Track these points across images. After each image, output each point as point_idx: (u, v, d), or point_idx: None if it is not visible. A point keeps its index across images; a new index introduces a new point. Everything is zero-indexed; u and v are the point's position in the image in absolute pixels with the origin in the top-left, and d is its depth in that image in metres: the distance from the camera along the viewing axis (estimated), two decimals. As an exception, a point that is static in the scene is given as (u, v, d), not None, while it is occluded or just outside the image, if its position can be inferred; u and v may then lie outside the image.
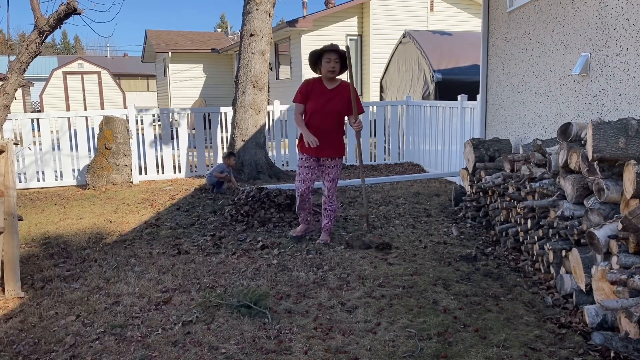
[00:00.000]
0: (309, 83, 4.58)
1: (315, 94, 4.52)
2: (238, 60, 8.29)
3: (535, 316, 3.13)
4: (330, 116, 4.51)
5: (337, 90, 4.55)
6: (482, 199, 5.23)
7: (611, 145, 3.01)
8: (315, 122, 4.50)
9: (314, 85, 4.56)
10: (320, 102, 4.48)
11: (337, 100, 4.52)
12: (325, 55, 4.46)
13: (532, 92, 5.40)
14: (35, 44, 5.09)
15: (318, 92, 4.52)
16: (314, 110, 4.49)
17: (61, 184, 8.31)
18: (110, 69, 28.66)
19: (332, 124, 4.53)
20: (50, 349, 2.89)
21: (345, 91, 4.56)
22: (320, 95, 4.51)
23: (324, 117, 4.49)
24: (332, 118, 4.52)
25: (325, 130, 4.50)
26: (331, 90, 4.54)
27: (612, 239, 2.79)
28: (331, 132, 4.53)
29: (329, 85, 4.55)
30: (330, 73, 4.47)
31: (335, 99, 4.52)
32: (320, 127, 4.48)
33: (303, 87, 4.58)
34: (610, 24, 4.11)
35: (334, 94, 4.53)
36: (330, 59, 4.44)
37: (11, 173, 3.74)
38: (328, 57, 4.45)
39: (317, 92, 4.52)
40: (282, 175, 8.33)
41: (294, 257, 4.35)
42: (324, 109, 4.48)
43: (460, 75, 10.00)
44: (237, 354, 2.76)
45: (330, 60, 4.44)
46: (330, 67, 4.45)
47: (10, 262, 3.67)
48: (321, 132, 4.47)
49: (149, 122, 8.65)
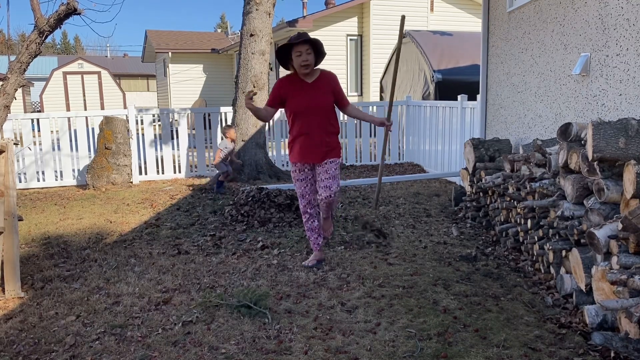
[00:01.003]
0: (283, 82, 3.97)
1: (293, 92, 3.91)
2: (238, 60, 8.29)
3: (535, 316, 3.13)
4: (317, 114, 3.90)
5: (319, 83, 3.93)
6: (482, 199, 5.23)
7: (611, 145, 3.01)
8: (301, 124, 3.91)
9: (290, 82, 3.95)
10: (302, 100, 3.88)
11: (321, 93, 3.91)
12: (294, 49, 3.80)
13: (532, 92, 5.40)
14: (35, 44, 5.09)
15: (296, 89, 3.91)
16: (297, 110, 3.90)
17: (61, 184, 8.31)
18: (110, 69, 28.67)
19: (321, 123, 3.93)
20: (50, 349, 2.89)
21: (328, 81, 3.96)
22: (300, 92, 3.90)
23: (310, 116, 3.90)
24: (319, 116, 3.91)
25: (315, 132, 3.91)
26: (312, 84, 3.92)
27: (612, 239, 2.79)
28: (322, 132, 3.93)
29: (308, 79, 3.93)
30: (304, 68, 3.83)
31: (318, 93, 3.90)
32: (308, 129, 3.90)
33: (276, 88, 3.95)
34: (610, 24, 4.11)
35: (315, 88, 3.91)
36: (301, 52, 3.77)
37: (11, 173, 3.74)
38: (298, 50, 3.78)
39: (295, 89, 3.91)
40: (282, 175, 8.33)
41: (294, 257, 4.35)
42: (309, 107, 3.88)
43: (460, 75, 10.01)
44: (237, 354, 2.76)
45: (301, 53, 3.78)
46: (302, 61, 3.79)
47: (10, 262, 3.67)
48: (310, 135, 3.90)
49: (149, 122, 8.65)
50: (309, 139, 3.91)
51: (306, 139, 3.91)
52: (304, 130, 3.92)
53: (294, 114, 3.93)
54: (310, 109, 3.89)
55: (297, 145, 3.97)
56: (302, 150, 3.94)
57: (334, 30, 15.45)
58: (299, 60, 3.81)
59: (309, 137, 3.91)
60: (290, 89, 3.92)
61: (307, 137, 3.91)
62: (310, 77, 3.94)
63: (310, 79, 3.94)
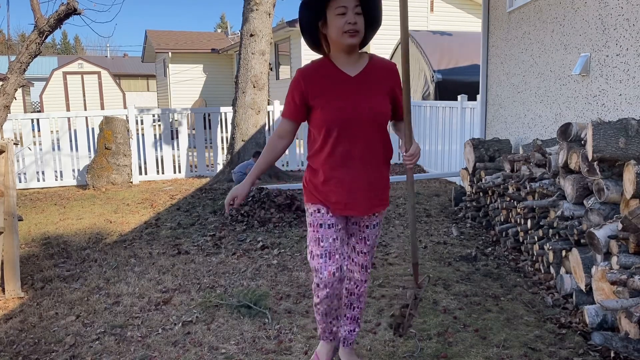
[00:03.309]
0: (307, 73, 2.23)
1: (326, 91, 2.20)
2: (238, 60, 8.29)
3: (535, 316, 3.13)
4: (366, 131, 2.22)
5: (370, 76, 2.24)
6: (482, 199, 5.23)
7: (611, 145, 3.01)
8: (337, 147, 2.22)
9: (319, 73, 2.23)
10: (341, 105, 2.19)
11: (373, 95, 2.22)
12: (333, 3, 2.12)
13: (532, 92, 5.40)
14: (35, 44, 5.09)
15: (331, 85, 2.21)
16: (332, 122, 2.19)
17: (61, 184, 8.31)
18: (110, 69, 28.64)
19: (371, 147, 2.25)
20: (50, 349, 2.89)
21: (385, 75, 2.27)
22: (338, 90, 2.21)
23: (354, 135, 2.21)
24: (369, 135, 2.22)
25: (358, 164, 2.24)
26: (358, 78, 2.23)
27: (612, 239, 2.79)
28: (370, 164, 2.26)
29: (349, 68, 2.23)
30: (349, 37, 2.12)
31: (369, 94, 2.22)
32: (349, 156, 2.23)
33: (295, 86, 2.24)
34: (610, 24, 4.11)
35: (363, 85, 2.23)
36: (346, 7, 2.10)
37: (11, 173, 3.74)
38: (341, 5, 2.10)
39: (328, 85, 2.21)
40: (282, 175, 8.33)
41: (294, 257, 4.35)
42: (352, 119, 2.19)
43: (460, 75, 10.01)
44: (237, 354, 2.76)
45: (346, 10, 2.11)
46: (346, 22, 2.10)
47: (10, 262, 3.67)
48: (352, 168, 2.25)
49: (149, 122, 8.65)
50: (348, 175, 2.24)
51: (344, 174, 2.24)
52: (340, 158, 2.23)
53: (326, 128, 2.20)
54: (355, 121, 2.19)
55: (328, 182, 2.27)
56: (336, 192, 2.27)
57: (334, 30, 15.44)
58: (341, 22, 2.10)
59: (348, 172, 2.24)
60: (319, 85, 2.21)
61: (346, 171, 2.24)
62: (353, 65, 2.23)
63: (355, 67, 2.23)
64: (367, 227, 2.40)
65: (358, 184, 2.27)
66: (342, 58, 2.23)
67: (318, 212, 2.31)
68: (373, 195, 2.31)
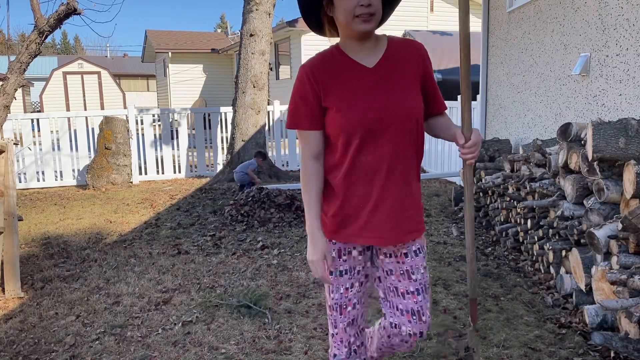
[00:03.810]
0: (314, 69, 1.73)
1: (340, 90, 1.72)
2: (238, 60, 8.29)
3: (535, 316, 3.13)
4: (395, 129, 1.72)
5: (390, 61, 1.75)
6: (482, 199, 5.23)
7: (611, 145, 3.01)
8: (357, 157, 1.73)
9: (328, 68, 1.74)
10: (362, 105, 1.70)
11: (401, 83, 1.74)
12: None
13: (532, 92, 5.40)
14: (35, 44, 5.09)
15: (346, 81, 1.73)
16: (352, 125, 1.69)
17: (61, 184, 8.32)
18: (110, 69, 28.65)
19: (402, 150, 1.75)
20: (50, 349, 2.89)
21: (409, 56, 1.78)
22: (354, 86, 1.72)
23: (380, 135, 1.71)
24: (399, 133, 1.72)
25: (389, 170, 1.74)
26: (377, 68, 1.74)
27: (612, 239, 2.79)
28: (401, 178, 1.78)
29: (364, 58, 1.74)
30: (362, 22, 1.64)
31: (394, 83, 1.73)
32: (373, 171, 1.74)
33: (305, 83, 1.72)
34: (610, 24, 4.11)
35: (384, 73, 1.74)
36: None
37: (11, 173, 3.74)
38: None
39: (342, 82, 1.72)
40: (282, 175, 8.33)
41: (294, 257, 4.35)
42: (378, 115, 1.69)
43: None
44: (237, 354, 2.76)
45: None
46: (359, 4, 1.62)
47: (10, 262, 3.67)
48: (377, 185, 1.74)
49: (149, 122, 8.65)
50: (373, 193, 1.75)
51: (368, 192, 1.75)
52: (363, 172, 1.74)
53: (344, 137, 1.71)
54: (381, 123, 1.69)
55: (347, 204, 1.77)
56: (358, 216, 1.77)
57: (334, 30, 15.43)
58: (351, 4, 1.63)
59: (373, 188, 1.74)
60: (331, 82, 1.72)
61: (371, 189, 1.74)
62: (370, 53, 1.74)
63: (372, 56, 1.74)
64: (407, 256, 1.82)
65: (386, 204, 1.74)
66: (354, 46, 1.72)
67: (334, 251, 1.81)
68: (407, 217, 1.77)
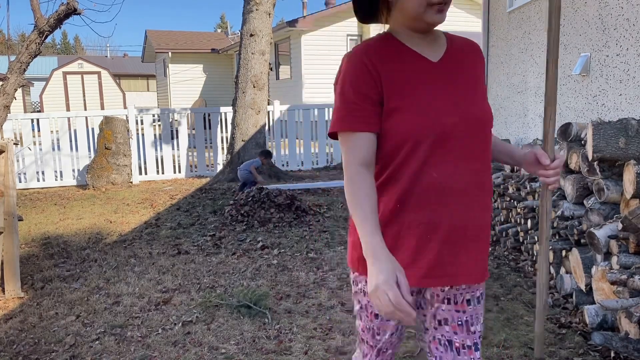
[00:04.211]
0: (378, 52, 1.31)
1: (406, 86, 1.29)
2: (238, 60, 8.29)
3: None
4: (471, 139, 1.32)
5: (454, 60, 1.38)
6: (482, 199, 5.22)
7: (611, 145, 3.01)
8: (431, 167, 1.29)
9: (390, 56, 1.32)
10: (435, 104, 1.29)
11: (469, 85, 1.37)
12: None
13: (532, 92, 5.40)
14: (35, 44, 5.09)
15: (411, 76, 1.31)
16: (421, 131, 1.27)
17: (61, 184, 8.32)
18: (110, 69, 28.64)
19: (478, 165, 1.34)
20: (50, 349, 2.89)
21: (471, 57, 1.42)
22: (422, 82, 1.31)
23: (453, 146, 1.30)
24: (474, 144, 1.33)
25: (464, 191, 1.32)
26: (441, 64, 1.35)
27: (612, 239, 2.79)
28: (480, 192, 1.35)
29: (427, 51, 1.36)
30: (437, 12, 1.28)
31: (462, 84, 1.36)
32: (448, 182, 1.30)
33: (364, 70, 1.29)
34: (610, 24, 4.11)
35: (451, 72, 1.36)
36: None
37: (11, 173, 3.74)
38: None
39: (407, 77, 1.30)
40: (282, 175, 8.34)
41: (294, 257, 4.35)
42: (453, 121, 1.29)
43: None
44: (237, 354, 2.76)
45: None
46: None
47: (10, 262, 3.67)
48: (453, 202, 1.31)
49: (149, 122, 8.65)
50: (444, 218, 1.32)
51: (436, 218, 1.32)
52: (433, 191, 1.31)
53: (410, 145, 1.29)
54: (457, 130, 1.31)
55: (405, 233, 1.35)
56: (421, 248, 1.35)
57: (334, 30, 15.44)
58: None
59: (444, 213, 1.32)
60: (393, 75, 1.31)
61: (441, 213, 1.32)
62: (432, 47, 1.38)
63: (434, 50, 1.38)
64: (470, 303, 1.46)
65: (460, 233, 1.33)
66: (414, 37, 1.35)
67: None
68: (483, 249, 1.41)
